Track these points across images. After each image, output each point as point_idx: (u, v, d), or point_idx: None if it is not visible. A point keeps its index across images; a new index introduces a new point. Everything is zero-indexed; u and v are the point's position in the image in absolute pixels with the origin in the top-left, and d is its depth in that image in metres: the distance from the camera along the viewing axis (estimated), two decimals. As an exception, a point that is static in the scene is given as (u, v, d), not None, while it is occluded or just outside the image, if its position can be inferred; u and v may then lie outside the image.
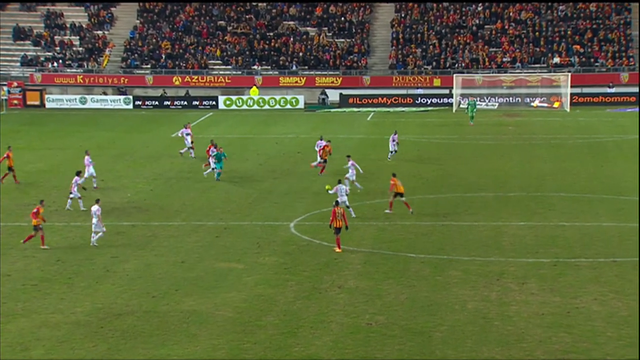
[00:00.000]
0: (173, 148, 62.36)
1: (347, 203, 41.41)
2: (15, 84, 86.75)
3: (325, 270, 35.06)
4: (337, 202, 38.14)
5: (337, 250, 36.97)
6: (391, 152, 57.11)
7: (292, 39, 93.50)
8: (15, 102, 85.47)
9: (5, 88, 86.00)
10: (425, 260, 36.44)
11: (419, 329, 29.25)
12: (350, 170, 46.88)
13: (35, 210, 39.14)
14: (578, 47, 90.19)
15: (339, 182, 42.07)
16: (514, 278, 34.22)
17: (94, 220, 38.21)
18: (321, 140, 54.45)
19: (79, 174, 44.97)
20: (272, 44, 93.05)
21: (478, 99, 79.05)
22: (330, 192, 41.22)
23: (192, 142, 58.08)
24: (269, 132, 69.64)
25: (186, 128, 58.81)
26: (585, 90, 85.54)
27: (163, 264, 36.09)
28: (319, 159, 52.60)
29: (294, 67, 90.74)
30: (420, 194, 47.99)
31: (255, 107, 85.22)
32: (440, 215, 43.66)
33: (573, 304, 31.43)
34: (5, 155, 50.40)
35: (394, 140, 57.19)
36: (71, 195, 44.34)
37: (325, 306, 31.38)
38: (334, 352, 27.49)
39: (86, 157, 50.02)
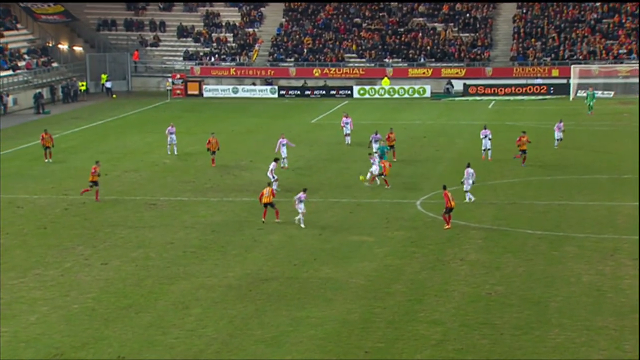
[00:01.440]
0: (313, 133, 62.79)
1: (469, 188, 40.76)
2: (178, 76, 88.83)
3: (449, 244, 34.79)
4: (444, 186, 37.23)
5: (447, 227, 36.52)
6: (557, 139, 54.49)
7: (420, 34, 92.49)
8: (178, 92, 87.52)
9: (170, 80, 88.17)
10: (542, 237, 35.74)
11: (535, 299, 28.76)
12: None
13: (92, 170, 42.25)
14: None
15: (468, 165, 41.24)
16: (627, 254, 33.21)
17: (301, 206, 37.31)
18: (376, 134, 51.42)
19: (276, 160, 44.48)
20: (403, 38, 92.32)
21: (594, 89, 76.54)
22: (366, 184, 40.75)
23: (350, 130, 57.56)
24: (398, 119, 69.30)
25: (347, 117, 58.30)
26: None
27: (303, 236, 36.44)
28: (375, 170, 44.88)
29: (422, 60, 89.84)
30: (538, 176, 47.02)
31: (386, 96, 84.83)
32: (557, 196, 42.70)
33: None
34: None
35: (560, 129, 54.56)
36: (273, 179, 43.29)
37: (448, 276, 31.18)
38: (456, 318, 27.29)
39: (280, 139, 50.31)
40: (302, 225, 37.19)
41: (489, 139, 51.10)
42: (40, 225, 39.21)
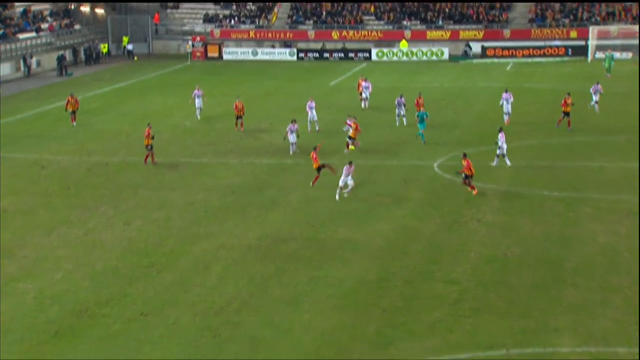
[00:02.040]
0: (332, 96, 62.63)
1: (504, 152, 40.20)
2: (198, 38, 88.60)
3: (466, 206, 34.78)
4: (465, 154, 36.46)
5: (474, 192, 36.01)
6: (594, 102, 52.39)
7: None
8: (198, 54, 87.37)
9: (190, 42, 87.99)
10: (558, 198, 35.64)
11: (551, 259, 28.78)
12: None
13: (146, 133, 42.08)
14: None
15: (500, 129, 40.91)
16: None
17: (348, 179, 35.70)
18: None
19: (294, 121, 44.06)
20: (421, 1, 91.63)
21: (612, 50, 75.71)
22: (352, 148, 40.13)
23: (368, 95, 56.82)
24: (416, 81, 68.98)
25: (366, 82, 57.91)
26: None
27: (321, 198, 36.49)
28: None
29: (440, 22, 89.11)
30: (556, 138, 46.78)
31: (405, 58, 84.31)
32: (574, 157, 42.49)
33: None
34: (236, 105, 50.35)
35: (598, 90, 52.49)
36: (291, 141, 43.57)
37: (465, 237, 31.22)
38: (473, 277, 27.37)
39: (309, 102, 50.00)
40: (337, 197, 35.79)
41: (510, 103, 50.41)
42: (63, 186, 39.48)
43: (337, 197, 35.70)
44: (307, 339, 23.37)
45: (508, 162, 40.17)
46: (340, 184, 35.73)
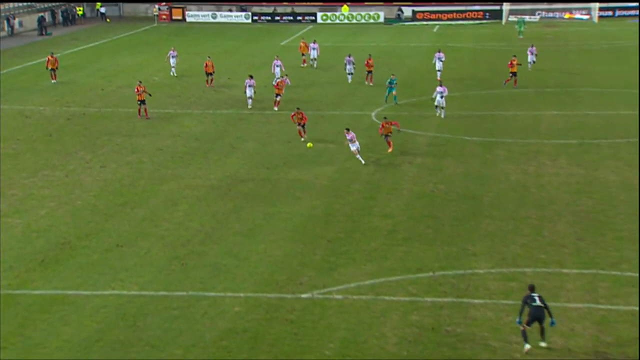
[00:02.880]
0: (282, 54, 61.85)
1: (441, 104, 39.65)
2: (164, 2, 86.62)
3: (399, 150, 34.87)
4: (385, 117, 34.23)
5: (390, 150, 34.09)
6: (530, 62, 51.29)
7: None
8: (164, 17, 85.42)
9: (156, 6, 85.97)
10: (477, 142, 35.92)
11: (471, 195, 29.11)
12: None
13: (136, 90, 40.68)
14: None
15: (441, 84, 40.65)
16: (548, 155, 33.60)
17: (351, 145, 32.88)
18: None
19: (251, 76, 43.06)
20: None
21: (523, 15, 75.95)
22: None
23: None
24: (357, 42, 68.47)
25: (314, 43, 56.09)
26: (611, 4, 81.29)
27: (274, 144, 36.31)
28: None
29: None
30: (475, 90, 47.00)
31: (346, 21, 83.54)
32: (491, 107, 42.79)
33: (594, 175, 30.86)
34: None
35: (532, 52, 51.29)
36: (248, 94, 42.37)
37: (399, 177, 31.38)
38: (405, 212, 27.58)
39: (275, 60, 49.19)
40: (363, 161, 32.78)
41: (442, 61, 49.85)
42: (46, 133, 38.72)
43: (362, 161, 32.70)
44: (263, 266, 23.41)
45: (443, 114, 40.07)
46: (353, 149, 32.79)
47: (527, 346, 18.47)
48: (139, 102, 41.20)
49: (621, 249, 24.03)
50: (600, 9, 79.63)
